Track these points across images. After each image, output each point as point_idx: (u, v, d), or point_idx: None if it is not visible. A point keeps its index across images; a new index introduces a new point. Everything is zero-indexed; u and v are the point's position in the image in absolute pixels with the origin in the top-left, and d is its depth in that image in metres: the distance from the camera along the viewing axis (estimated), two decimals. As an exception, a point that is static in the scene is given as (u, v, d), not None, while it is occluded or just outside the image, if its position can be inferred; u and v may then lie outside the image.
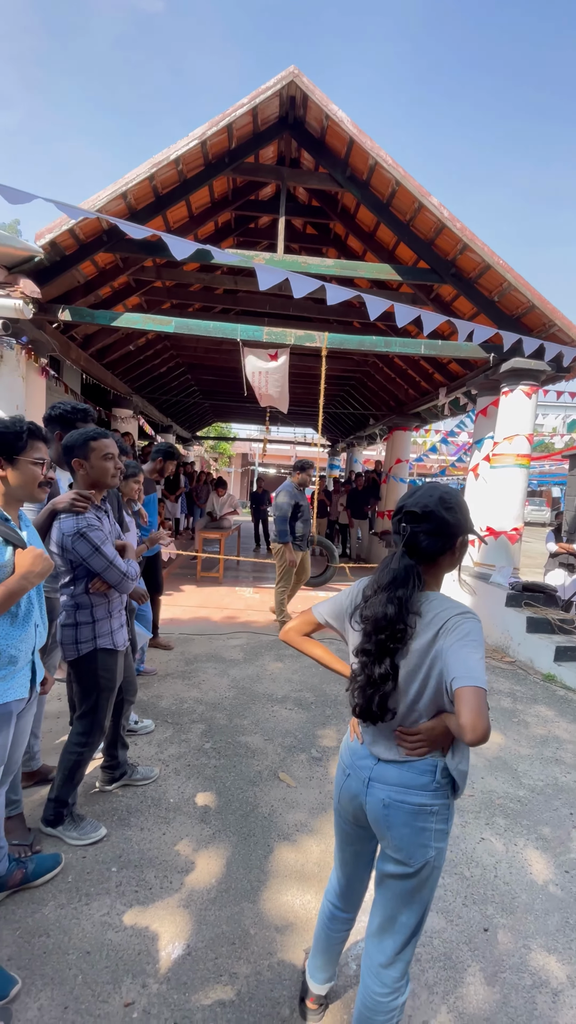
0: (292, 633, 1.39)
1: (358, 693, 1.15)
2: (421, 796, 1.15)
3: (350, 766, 1.26)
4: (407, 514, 1.16)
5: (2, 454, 1.43)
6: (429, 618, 1.12)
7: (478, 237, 4.72)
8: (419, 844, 1.15)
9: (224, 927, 1.73)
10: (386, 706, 1.12)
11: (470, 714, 0.97)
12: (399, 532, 1.17)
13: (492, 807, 2.50)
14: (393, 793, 1.16)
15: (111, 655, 2.03)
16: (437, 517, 1.14)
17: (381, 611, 1.11)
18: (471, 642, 1.07)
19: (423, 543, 1.15)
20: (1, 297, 4.47)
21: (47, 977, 1.51)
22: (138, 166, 4.47)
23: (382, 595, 1.13)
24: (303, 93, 4.62)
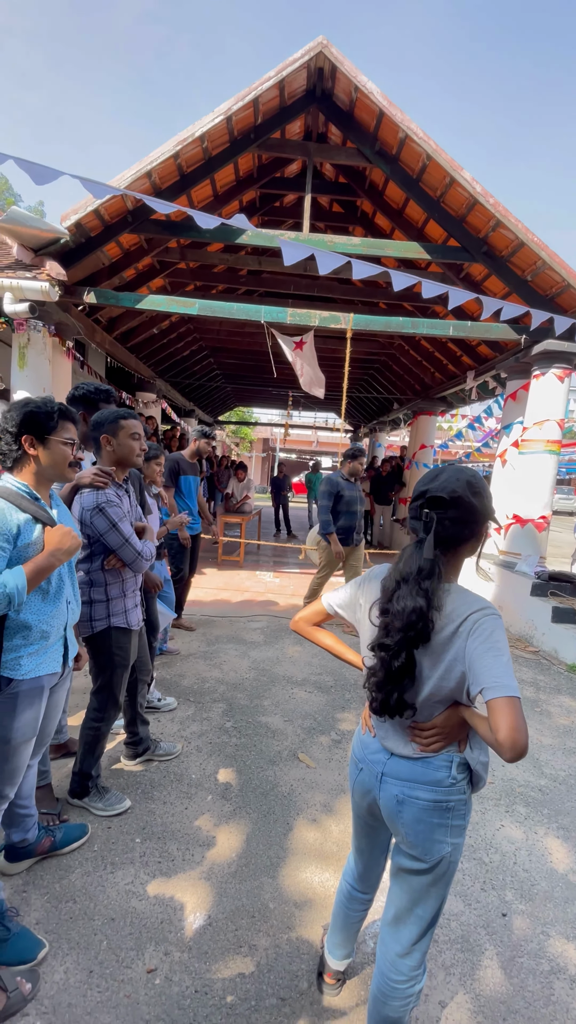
0: (302, 622, 1.37)
1: (375, 688, 1.11)
2: (436, 792, 1.11)
3: (362, 760, 1.24)
4: (432, 500, 1.08)
5: (33, 433, 1.44)
6: (448, 611, 1.06)
7: (512, 213, 4.53)
8: (435, 840, 1.12)
9: (244, 900, 1.77)
10: (404, 701, 1.08)
11: (509, 731, 0.92)
12: (419, 518, 1.10)
13: (512, 795, 2.48)
14: (407, 789, 1.13)
15: (125, 634, 2.06)
16: (465, 503, 1.07)
17: (410, 604, 1.05)
18: (496, 645, 1.01)
19: (450, 531, 1.08)
20: (28, 280, 4.50)
21: (73, 941, 1.57)
22: (163, 144, 4.41)
23: (407, 588, 1.07)
24: (332, 64, 4.47)
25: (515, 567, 5.23)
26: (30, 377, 4.84)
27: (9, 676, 1.41)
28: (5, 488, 1.40)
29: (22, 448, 1.43)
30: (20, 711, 1.43)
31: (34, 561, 1.37)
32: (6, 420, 1.42)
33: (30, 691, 1.45)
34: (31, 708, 1.46)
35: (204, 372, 11.93)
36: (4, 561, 1.34)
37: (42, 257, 4.61)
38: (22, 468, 1.46)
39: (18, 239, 4.51)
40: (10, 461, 1.44)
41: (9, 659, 1.40)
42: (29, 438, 1.43)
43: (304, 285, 6.61)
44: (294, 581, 6.65)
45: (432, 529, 1.07)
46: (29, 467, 1.46)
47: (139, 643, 2.31)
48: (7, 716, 1.41)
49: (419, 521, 1.10)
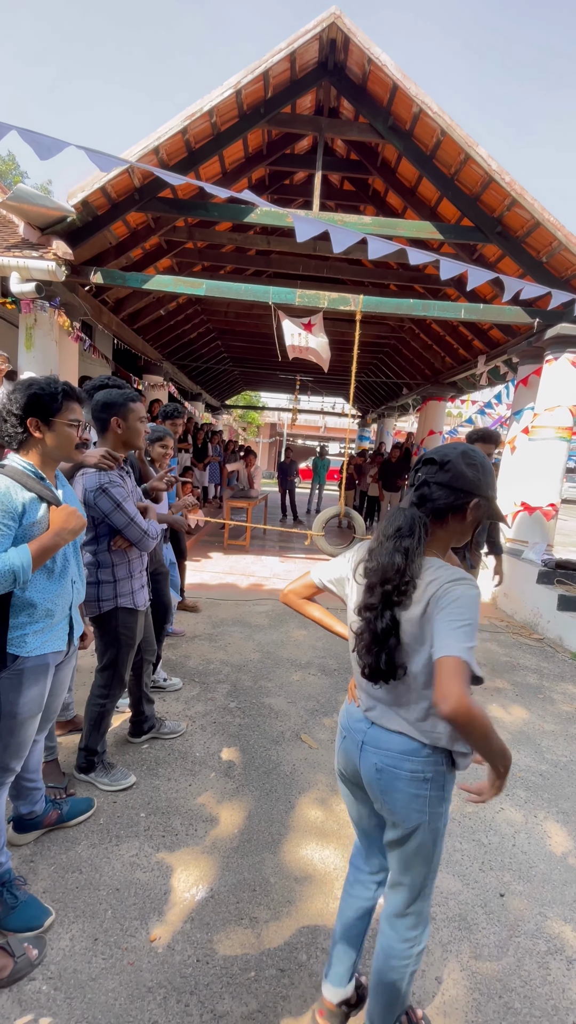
0: (291, 595, 1.36)
1: (364, 652, 1.11)
2: (413, 762, 1.13)
3: (346, 728, 1.27)
4: (426, 461, 1.13)
5: (38, 415, 1.43)
6: (427, 581, 1.06)
7: (528, 192, 4.41)
8: (412, 809, 1.14)
9: (246, 874, 1.80)
10: (394, 663, 1.08)
11: (440, 686, 0.95)
12: (414, 484, 1.14)
13: (513, 779, 2.50)
14: (385, 758, 1.15)
15: (131, 614, 2.08)
16: (455, 468, 1.09)
17: (388, 560, 1.06)
18: (457, 609, 1.01)
19: (435, 494, 1.10)
20: (35, 259, 4.46)
21: (79, 910, 1.61)
22: (170, 119, 4.32)
23: (388, 544, 1.08)
24: (344, 36, 4.33)
25: (522, 555, 5.20)
26: (37, 358, 4.82)
27: (15, 653, 1.42)
28: (11, 467, 1.40)
29: (27, 430, 1.43)
30: (26, 687, 1.45)
31: (39, 540, 1.38)
32: (11, 402, 1.41)
33: (35, 668, 1.47)
34: (36, 685, 1.48)
35: (211, 355, 11.84)
36: (9, 539, 1.34)
37: (49, 236, 4.56)
38: (28, 449, 1.46)
39: (25, 217, 4.46)
40: (16, 443, 1.44)
41: (15, 636, 1.42)
42: (34, 420, 1.43)
43: (313, 266, 6.51)
44: (300, 566, 6.67)
45: (424, 484, 1.10)
46: (35, 448, 1.46)
47: (145, 624, 2.33)
48: (13, 692, 1.43)
49: (412, 486, 1.14)
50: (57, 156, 2.36)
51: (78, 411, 1.51)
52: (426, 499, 1.11)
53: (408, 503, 1.13)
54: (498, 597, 5.50)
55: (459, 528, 1.14)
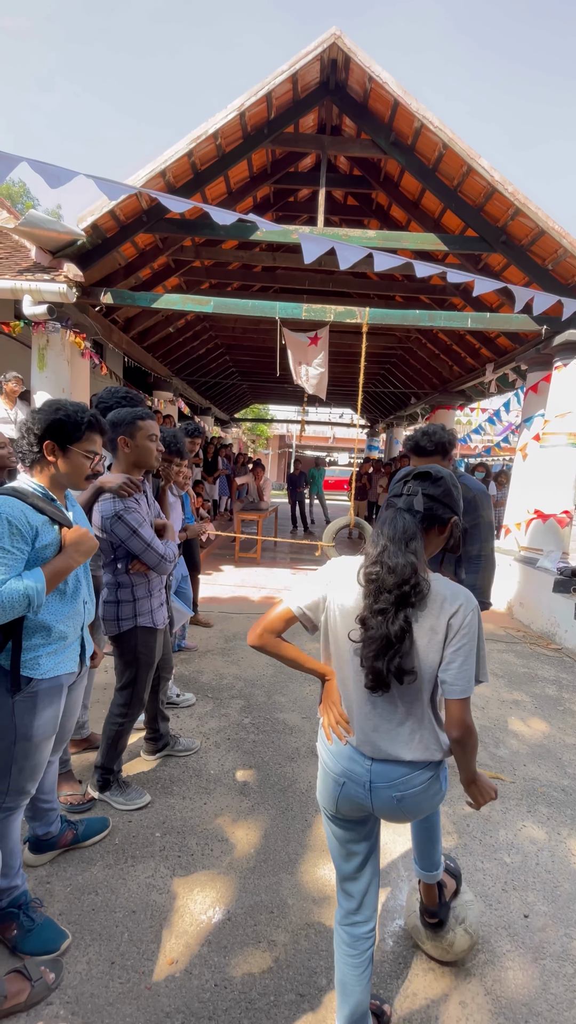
0: (266, 635, 1.24)
1: (372, 659, 1.08)
2: (426, 771, 1.18)
3: (342, 774, 1.20)
4: (418, 475, 1.17)
5: (56, 440, 1.43)
6: (439, 601, 1.11)
7: (531, 201, 4.43)
8: (437, 800, 1.24)
9: (263, 896, 1.77)
10: (404, 668, 1.07)
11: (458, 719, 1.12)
12: (403, 494, 1.16)
13: (534, 795, 2.44)
14: (402, 786, 1.16)
15: (151, 633, 2.09)
16: (446, 486, 1.16)
17: (403, 560, 1.07)
18: (473, 642, 1.12)
19: (426, 505, 1.14)
20: (46, 282, 4.57)
21: (95, 933, 1.60)
22: (176, 142, 4.42)
23: (396, 547, 1.09)
24: (345, 55, 4.42)
25: (537, 563, 5.13)
26: (50, 378, 4.92)
27: (29, 675, 1.42)
28: (22, 489, 1.41)
29: (42, 452, 1.44)
30: (40, 710, 1.46)
31: (52, 563, 1.39)
32: (33, 420, 1.43)
33: (49, 690, 1.48)
34: (51, 707, 1.49)
35: (220, 370, 11.97)
36: (23, 563, 1.35)
37: (60, 259, 4.67)
38: (39, 470, 1.47)
39: (36, 242, 4.57)
40: (28, 460, 1.45)
41: (28, 659, 1.42)
42: (51, 444, 1.43)
43: (319, 280, 6.57)
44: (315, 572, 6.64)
45: (418, 496, 1.14)
46: (47, 470, 1.47)
47: (164, 641, 2.33)
48: (27, 714, 1.44)
49: (399, 496, 1.17)
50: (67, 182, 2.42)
51: (98, 443, 1.51)
52: (417, 509, 1.14)
53: (403, 509, 1.14)
54: (514, 607, 5.43)
55: (436, 542, 1.19)
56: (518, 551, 5.61)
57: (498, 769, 2.62)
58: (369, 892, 1.30)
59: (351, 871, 1.29)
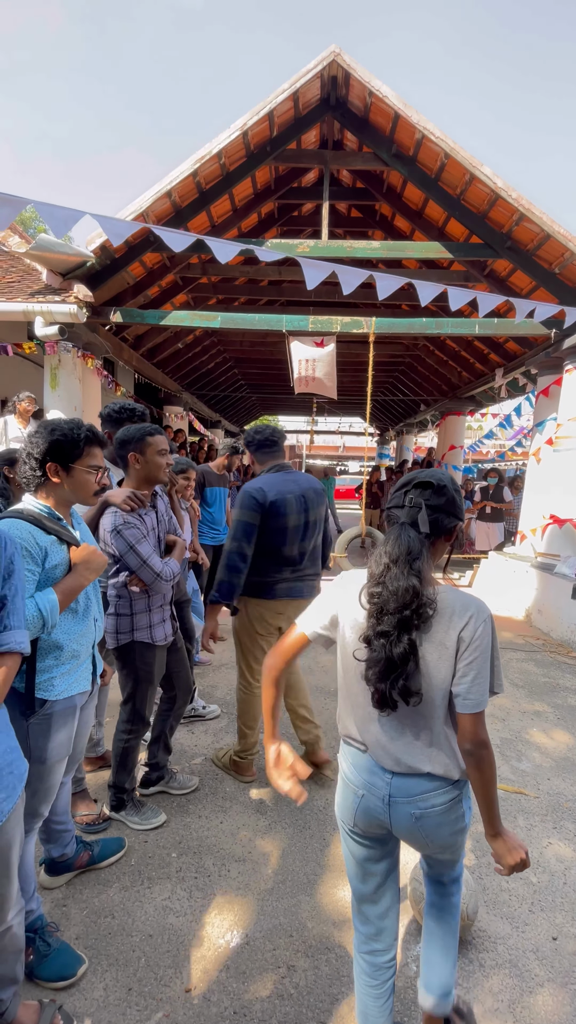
0: (280, 661, 1.26)
1: (376, 680, 1.06)
2: (448, 791, 1.13)
3: (362, 785, 1.17)
4: (420, 484, 1.11)
5: (58, 461, 1.44)
6: (447, 614, 1.07)
7: (536, 205, 4.42)
8: (458, 830, 1.17)
9: (281, 918, 1.74)
10: (410, 689, 1.04)
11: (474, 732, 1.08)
12: (404, 505, 1.11)
13: (560, 810, 2.37)
14: (421, 803, 1.12)
15: (148, 649, 2.05)
16: (449, 494, 1.12)
17: (404, 583, 1.03)
18: (487, 654, 1.08)
19: (431, 517, 1.09)
20: (57, 303, 4.66)
21: (112, 958, 1.57)
22: (181, 163, 4.51)
23: (399, 568, 1.05)
24: (345, 72, 4.49)
25: (554, 569, 5.04)
26: (62, 397, 5.00)
27: (43, 697, 1.42)
28: (29, 511, 1.41)
29: (46, 474, 1.44)
30: (55, 732, 1.45)
31: (63, 582, 1.39)
32: (32, 444, 1.43)
33: (64, 711, 1.47)
34: (65, 728, 1.48)
35: (229, 383, 12.08)
36: (34, 584, 1.35)
37: (70, 281, 4.77)
38: (44, 491, 1.47)
39: (47, 265, 4.68)
40: (33, 485, 1.45)
41: (43, 680, 1.42)
42: (54, 465, 1.43)
43: (325, 292, 6.60)
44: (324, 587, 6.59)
45: (421, 508, 1.08)
46: (52, 491, 1.47)
47: (177, 658, 2.26)
48: (42, 737, 1.43)
49: (401, 508, 1.12)
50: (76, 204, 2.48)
51: (99, 457, 1.51)
52: (423, 529, 1.08)
53: (407, 524, 1.09)
54: (532, 614, 5.33)
55: (442, 548, 1.17)
56: (534, 557, 5.53)
57: (521, 784, 2.55)
58: (388, 917, 1.26)
59: (368, 892, 1.25)
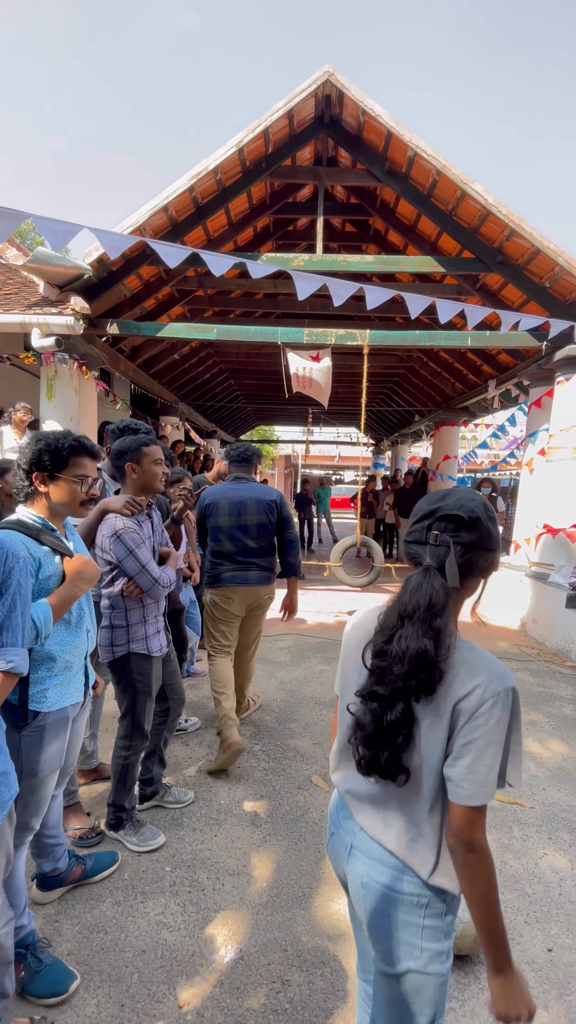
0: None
1: (363, 743, 0.91)
2: (403, 881, 0.90)
3: (334, 823, 1.05)
4: (447, 518, 0.91)
5: (43, 470, 1.45)
6: (452, 678, 0.88)
7: (526, 221, 4.51)
8: (402, 941, 0.89)
9: (276, 933, 1.72)
10: (398, 765, 0.88)
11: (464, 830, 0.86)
12: (425, 542, 0.93)
13: (555, 820, 2.37)
14: (372, 870, 0.93)
15: (145, 660, 2.04)
16: (484, 527, 0.91)
17: (414, 646, 0.86)
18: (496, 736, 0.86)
19: (463, 558, 0.90)
20: (54, 315, 4.70)
21: (104, 974, 1.55)
22: (178, 179, 4.58)
23: (413, 626, 0.88)
24: (338, 91, 4.58)
25: (548, 579, 5.07)
26: (58, 408, 5.01)
27: (36, 709, 1.42)
28: (23, 521, 1.42)
29: (33, 484, 1.45)
30: (47, 743, 1.45)
31: (57, 593, 1.40)
32: (21, 455, 1.46)
33: (56, 723, 1.47)
34: (57, 740, 1.48)
35: (225, 394, 12.15)
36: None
37: (67, 293, 4.81)
38: (36, 502, 1.48)
39: (44, 277, 4.72)
40: (23, 495, 1.47)
41: (35, 692, 1.42)
42: (39, 475, 1.45)
43: (320, 304, 6.68)
44: (320, 598, 6.60)
45: (451, 554, 0.89)
46: (41, 501, 1.48)
47: (171, 670, 2.28)
48: (34, 749, 1.42)
49: (424, 545, 0.93)
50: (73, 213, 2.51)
51: (87, 466, 1.51)
52: (452, 571, 0.90)
53: (431, 570, 0.91)
54: (527, 623, 5.35)
55: (474, 587, 0.97)
56: (529, 567, 5.55)
57: (516, 794, 2.55)
58: None
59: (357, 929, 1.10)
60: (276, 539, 2.93)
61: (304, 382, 5.67)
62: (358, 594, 6.81)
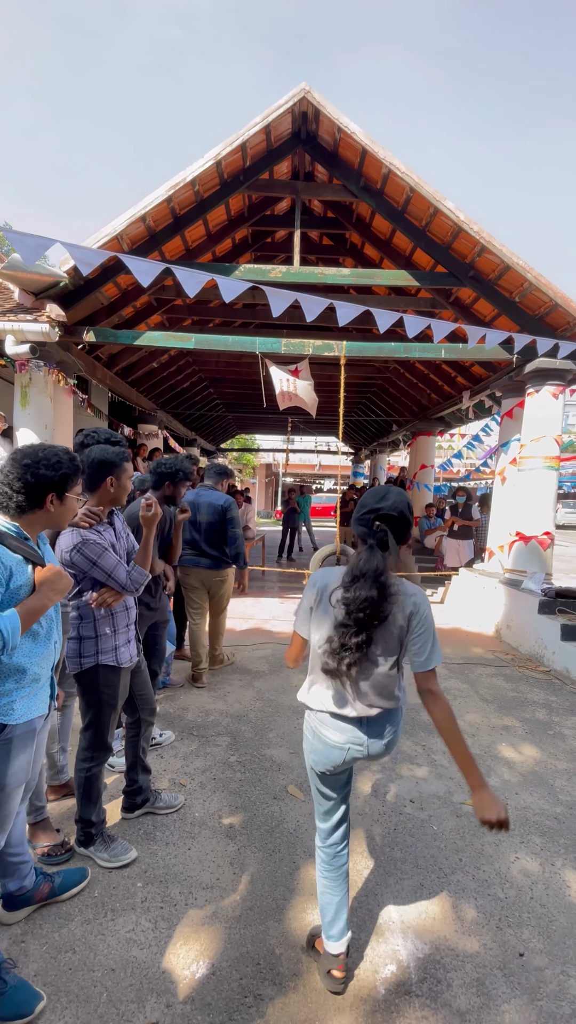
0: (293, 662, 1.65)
1: (332, 657, 1.39)
2: (398, 717, 1.54)
3: (341, 745, 1.49)
4: (386, 517, 1.41)
5: (56, 491, 1.46)
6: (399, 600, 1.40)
7: (496, 238, 4.65)
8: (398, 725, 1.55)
9: (249, 946, 1.70)
10: (352, 666, 1.39)
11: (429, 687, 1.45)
12: (370, 527, 1.42)
13: (527, 824, 2.40)
14: (388, 735, 1.51)
15: (113, 672, 2.01)
16: (407, 520, 1.44)
17: (364, 594, 1.35)
18: (431, 627, 1.45)
19: (397, 541, 1.43)
20: (29, 322, 4.64)
21: (72, 994, 1.52)
22: (156, 189, 4.60)
23: (365, 581, 1.36)
24: (315, 108, 4.68)
25: (521, 585, 5.17)
26: (32, 415, 4.94)
27: (3, 722, 1.39)
28: None
29: (40, 504, 1.44)
30: (14, 756, 1.42)
31: (26, 603, 1.38)
32: (25, 471, 1.42)
33: (24, 735, 1.44)
34: (24, 752, 1.45)
35: (204, 402, 12.13)
36: (-3, 604, 1.34)
37: (43, 300, 4.77)
38: (22, 516, 1.45)
39: (19, 284, 4.67)
40: (12, 509, 1.42)
41: (2, 704, 1.39)
42: (52, 495, 1.46)
43: (298, 315, 6.71)
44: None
45: (389, 538, 1.41)
46: (31, 516, 1.45)
47: (141, 680, 2.25)
48: (2, 763, 1.39)
49: (368, 529, 1.42)
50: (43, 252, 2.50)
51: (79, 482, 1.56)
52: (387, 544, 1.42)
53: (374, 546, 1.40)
54: (502, 629, 5.44)
55: (400, 553, 1.48)
56: (502, 573, 5.66)
57: (489, 799, 2.57)
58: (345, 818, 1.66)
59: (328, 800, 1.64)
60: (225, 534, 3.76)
61: (287, 397, 5.73)
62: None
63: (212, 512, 3.71)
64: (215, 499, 3.75)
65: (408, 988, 1.59)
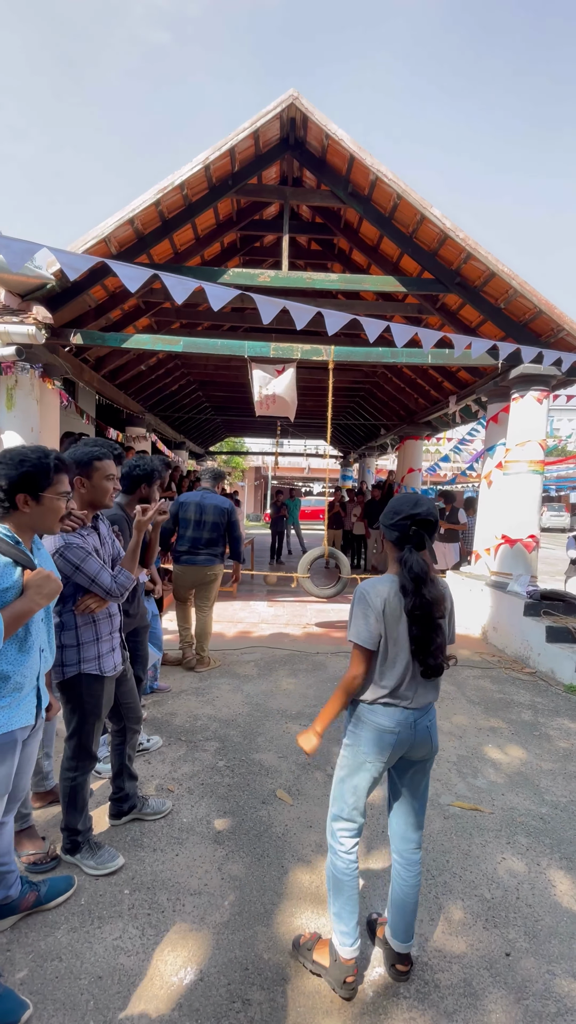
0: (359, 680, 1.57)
1: (431, 658, 1.49)
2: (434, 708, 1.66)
3: (397, 725, 1.54)
4: (423, 522, 1.50)
5: (28, 491, 1.43)
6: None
7: (482, 245, 4.72)
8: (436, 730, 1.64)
9: (237, 952, 1.70)
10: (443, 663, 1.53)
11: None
12: (407, 533, 1.50)
13: (513, 825, 2.43)
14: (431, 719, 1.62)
15: (96, 680, 1.98)
16: (437, 522, 1.56)
17: (440, 591, 1.50)
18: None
19: (431, 543, 1.55)
20: (15, 324, 4.60)
21: (59, 1002, 1.50)
22: (144, 192, 4.59)
23: (435, 585, 1.50)
24: (303, 114, 4.71)
25: (507, 587, 5.23)
26: (18, 418, 4.90)
27: None
28: None
29: (14, 505, 1.43)
30: None
31: (12, 606, 1.36)
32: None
33: (3, 746, 1.42)
34: (4, 763, 1.42)
35: (193, 405, 12.10)
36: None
37: (29, 302, 4.73)
38: (7, 518, 1.45)
39: (5, 286, 4.63)
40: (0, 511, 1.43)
41: None
42: (23, 496, 1.43)
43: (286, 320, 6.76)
44: (289, 610, 6.61)
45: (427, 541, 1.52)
46: (16, 518, 1.44)
47: (126, 689, 2.22)
48: (-21, 771, 1.38)
49: (404, 534, 1.51)
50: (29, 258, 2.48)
51: (67, 482, 1.51)
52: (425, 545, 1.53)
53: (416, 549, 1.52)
54: (488, 631, 5.49)
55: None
56: (489, 576, 5.72)
57: (476, 800, 2.60)
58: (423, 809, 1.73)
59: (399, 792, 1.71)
60: (226, 536, 4.13)
61: (267, 402, 5.69)
62: (325, 605, 6.85)
63: (217, 513, 4.07)
64: (220, 502, 4.12)
65: (396, 990, 1.60)
